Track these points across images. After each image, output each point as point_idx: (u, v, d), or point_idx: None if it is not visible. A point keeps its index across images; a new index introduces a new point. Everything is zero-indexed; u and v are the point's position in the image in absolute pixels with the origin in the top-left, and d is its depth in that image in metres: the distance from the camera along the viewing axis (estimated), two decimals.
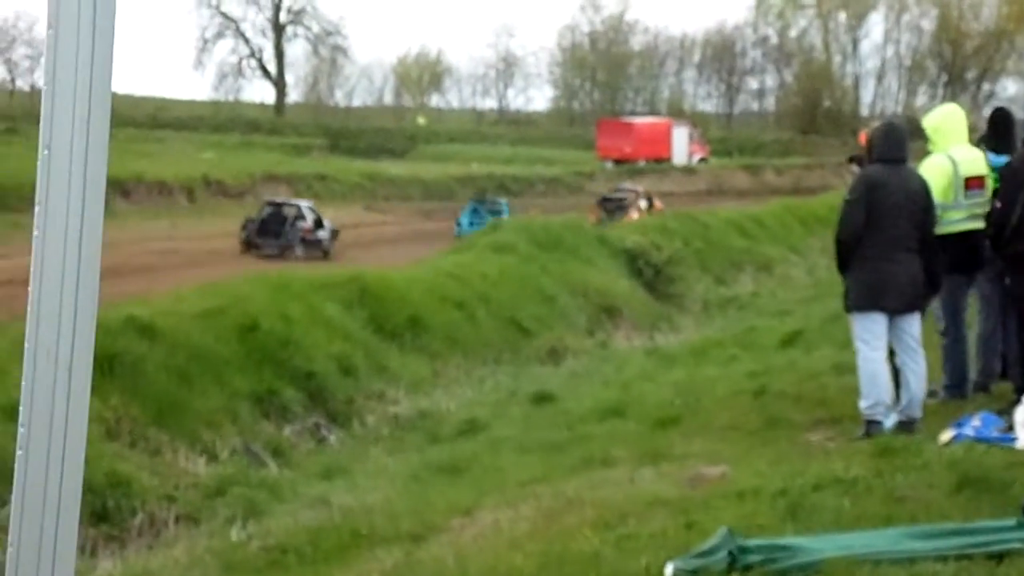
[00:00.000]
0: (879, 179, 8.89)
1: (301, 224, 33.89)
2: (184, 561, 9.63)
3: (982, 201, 9.42)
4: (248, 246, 33.37)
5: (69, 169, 1.67)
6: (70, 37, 1.66)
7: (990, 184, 9.43)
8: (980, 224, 9.39)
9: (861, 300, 8.92)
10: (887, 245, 8.83)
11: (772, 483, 7.44)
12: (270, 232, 33.73)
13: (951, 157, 9.42)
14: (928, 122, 9.72)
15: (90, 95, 1.67)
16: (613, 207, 41.33)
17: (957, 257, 9.38)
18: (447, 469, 11.21)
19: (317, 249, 33.14)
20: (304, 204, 35.95)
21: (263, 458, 13.49)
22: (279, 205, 35.68)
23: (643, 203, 42.44)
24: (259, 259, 30.95)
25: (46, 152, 1.68)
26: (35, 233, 1.67)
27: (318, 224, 34.30)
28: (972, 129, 10.04)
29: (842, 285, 9.20)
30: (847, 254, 8.99)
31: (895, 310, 8.91)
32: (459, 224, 39.10)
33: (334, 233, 34.52)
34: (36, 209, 1.68)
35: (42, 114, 1.67)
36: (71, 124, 1.67)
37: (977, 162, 9.48)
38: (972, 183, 9.42)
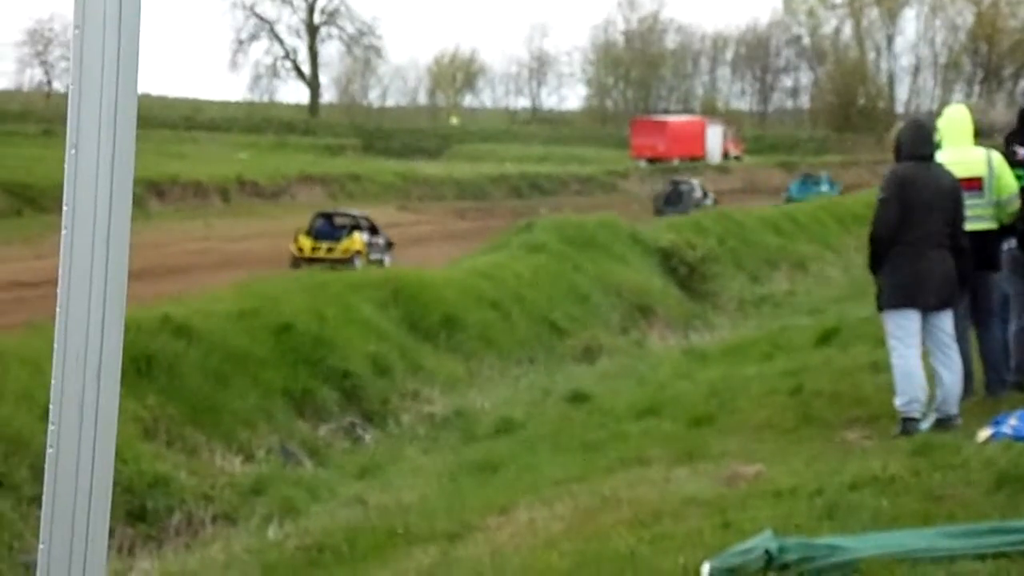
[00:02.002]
0: (910, 176, 8.86)
1: (694, 195, 48.30)
2: (221, 560, 9.67)
3: (979, 202, 9.35)
4: (659, 212, 44.32)
5: (96, 169, 1.67)
6: (96, 37, 1.66)
7: (992, 185, 9.37)
8: (977, 225, 9.31)
9: (895, 298, 8.88)
10: (921, 242, 8.80)
11: (809, 482, 7.40)
12: (672, 202, 46.92)
13: None
14: (939, 123, 9.72)
15: (116, 95, 1.67)
16: None
17: None
18: (483, 468, 11.21)
19: (703, 209, 42.83)
20: (695, 181, 51.41)
21: (299, 457, 13.53)
22: (678, 183, 50.79)
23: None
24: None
25: (73, 152, 1.68)
26: (63, 233, 1.68)
27: (704, 194, 49.31)
28: (980, 130, 9.95)
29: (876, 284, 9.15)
30: (881, 252, 8.95)
31: (930, 307, 8.87)
32: (789, 191, 54.52)
33: (715, 201, 48.12)
34: (64, 210, 1.69)
35: (69, 114, 1.67)
36: (97, 124, 1.67)
37: (967, 164, 9.38)
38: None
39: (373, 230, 31.26)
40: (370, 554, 8.64)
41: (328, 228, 30.78)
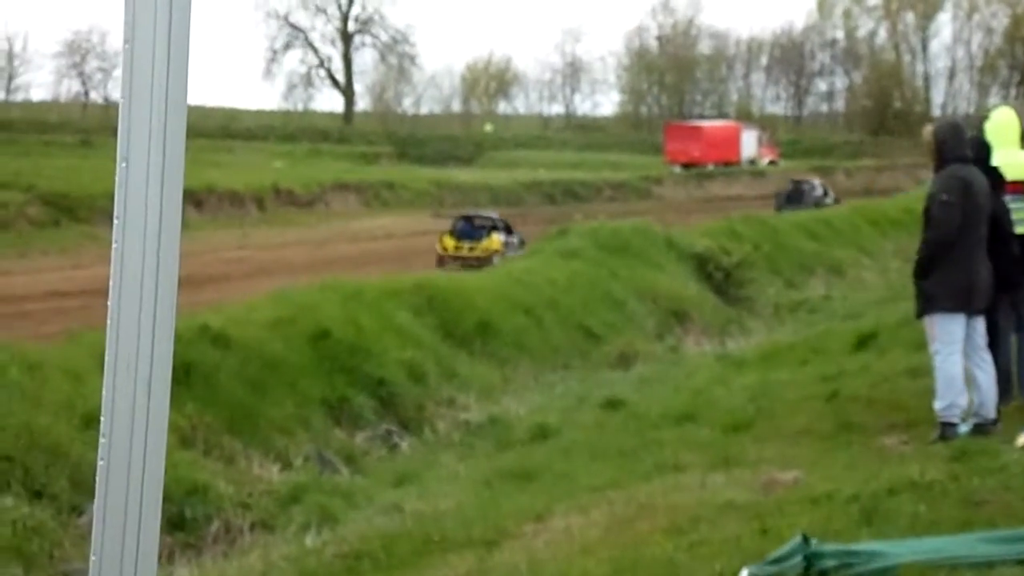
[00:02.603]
0: (969, 179, 8.80)
1: (814, 194, 50.53)
2: (260, 568, 9.71)
3: None
4: (779, 210, 45.86)
5: (146, 181, 1.69)
6: (146, 50, 1.68)
7: None
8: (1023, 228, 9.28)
9: (949, 302, 8.79)
10: (975, 246, 8.77)
11: (846, 488, 7.38)
12: (793, 200, 49.07)
13: None
14: (987, 127, 9.68)
15: (166, 108, 1.69)
16: None
17: None
18: (518, 475, 11.20)
19: (823, 207, 45.83)
20: (815, 181, 53.98)
21: (336, 465, 13.56)
22: (799, 182, 53.37)
23: None
24: None
25: (124, 165, 1.70)
26: (114, 246, 1.69)
27: (825, 193, 51.46)
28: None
29: (918, 288, 9.08)
30: (939, 256, 8.83)
31: (977, 311, 8.85)
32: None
33: (836, 199, 50.10)
34: (115, 222, 1.70)
35: (119, 127, 1.69)
36: (148, 137, 1.69)
37: (1016, 167, 9.33)
38: (1010, 187, 9.28)
39: (508, 230, 33.96)
40: (407, 561, 8.66)
41: (469, 229, 33.57)
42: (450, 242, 32.67)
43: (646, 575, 6.39)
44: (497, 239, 32.92)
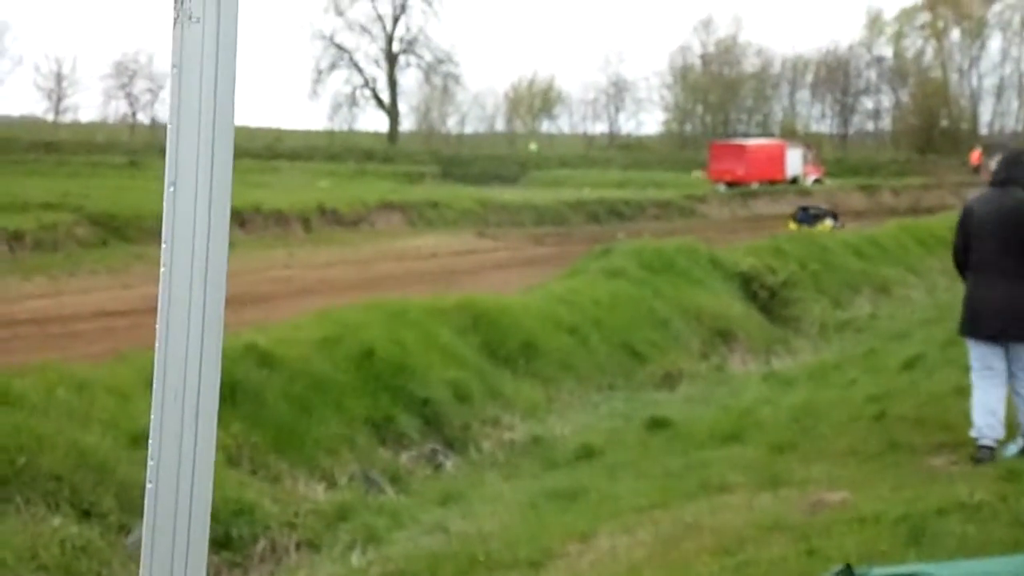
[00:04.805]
0: (976, 204, 9.00)
1: None
2: None
3: None
4: None
5: (194, 206, 1.70)
6: (193, 77, 1.70)
7: None
8: None
9: (962, 326, 8.94)
10: (986, 270, 8.86)
11: (894, 508, 7.32)
12: None
13: None
14: None
15: (214, 131, 1.70)
16: None
17: None
18: (563, 495, 11.19)
19: None
20: None
21: (381, 484, 13.58)
22: None
23: None
24: None
25: (171, 189, 1.71)
26: (162, 270, 1.71)
27: None
28: None
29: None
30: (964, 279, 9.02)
31: (987, 337, 8.91)
32: None
33: None
34: (163, 246, 1.71)
35: (167, 151, 1.71)
36: (195, 160, 1.70)
37: None
38: None
39: (835, 216, 43.71)
40: None
41: (806, 216, 43.30)
42: (793, 227, 40.70)
43: None
44: (828, 224, 41.99)
